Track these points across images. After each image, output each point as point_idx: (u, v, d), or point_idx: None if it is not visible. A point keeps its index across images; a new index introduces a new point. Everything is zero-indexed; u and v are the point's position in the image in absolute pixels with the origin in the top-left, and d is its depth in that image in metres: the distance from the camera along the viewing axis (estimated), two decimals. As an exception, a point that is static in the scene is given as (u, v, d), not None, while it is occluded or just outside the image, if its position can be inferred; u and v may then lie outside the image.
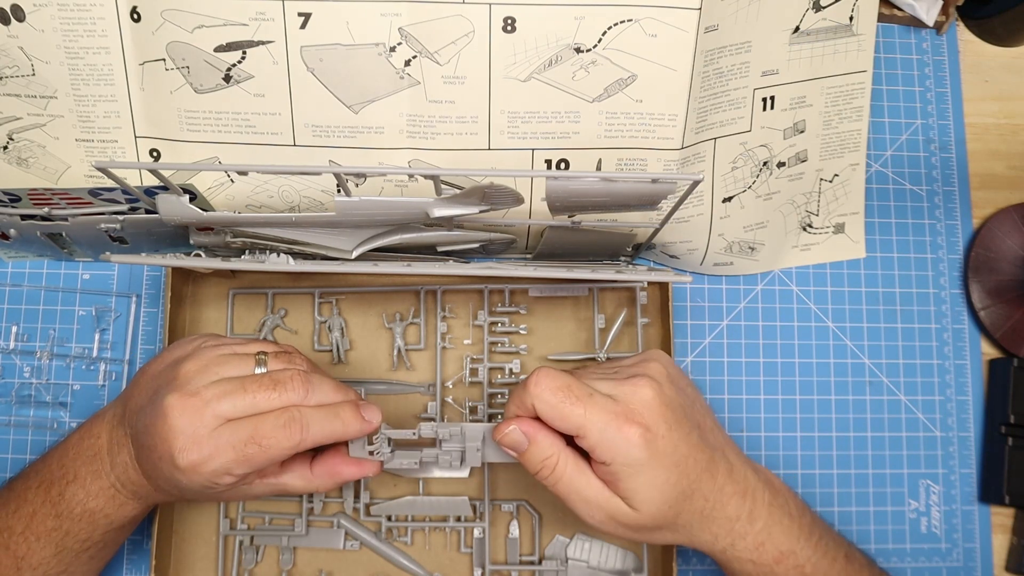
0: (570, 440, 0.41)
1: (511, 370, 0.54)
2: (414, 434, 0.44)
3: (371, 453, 0.44)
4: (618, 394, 0.40)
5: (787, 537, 0.43)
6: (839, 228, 0.58)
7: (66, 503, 0.43)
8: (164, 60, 0.45)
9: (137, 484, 0.43)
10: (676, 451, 0.40)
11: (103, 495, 0.43)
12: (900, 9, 0.60)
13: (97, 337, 0.54)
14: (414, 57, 0.44)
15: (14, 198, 0.46)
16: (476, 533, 0.52)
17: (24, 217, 0.48)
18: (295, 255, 0.45)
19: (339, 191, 0.42)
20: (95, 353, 0.54)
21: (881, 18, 0.58)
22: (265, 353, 0.43)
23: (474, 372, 0.54)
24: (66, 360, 0.54)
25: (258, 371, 0.42)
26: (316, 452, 0.44)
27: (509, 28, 0.44)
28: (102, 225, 0.48)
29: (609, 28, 0.44)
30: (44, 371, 0.54)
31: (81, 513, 0.43)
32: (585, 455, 0.41)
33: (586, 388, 0.40)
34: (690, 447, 0.41)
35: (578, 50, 0.44)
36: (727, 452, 0.43)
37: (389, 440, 0.44)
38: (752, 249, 0.55)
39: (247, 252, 0.48)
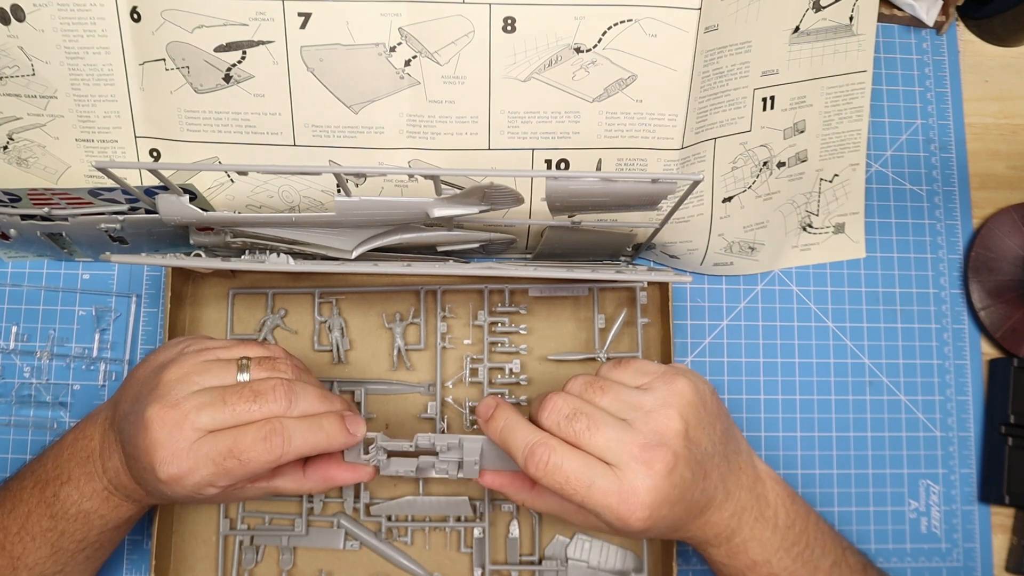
0: None
1: (511, 370, 0.54)
2: (411, 446, 0.44)
3: (367, 461, 0.44)
4: (627, 469, 0.38)
5: (763, 549, 0.43)
6: (839, 228, 0.58)
7: (61, 504, 0.43)
8: (164, 60, 0.45)
9: (129, 488, 0.43)
10: (673, 518, 0.40)
11: (97, 497, 0.43)
12: (900, 9, 0.60)
13: (97, 337, 0.54)
14: (414, 57, 0.44)
15: (14, 198, 0.46)
16: (476, 533, 0.52)
17: (24, 217, 0.48)
18: (295, 255, 0.45)
19: (339, 191, 0.42)
20: (95, 353, 0.54)
21: (881, 18, 0.58)
22: (248, 358, 0.42)
23: (474, 372, 0.54)
24: (66, 360, 0.54)
25: (241, 377, 0.41)
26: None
27: (509, 28, 0.44)
28: (102, 225, 0.48)
29: (609, 28, 0.44)
30: (44, 371, 0.54)
31: (76, 514, 0.43)
32: None
33: (586, 477, 0.38)
34: (688, 508, 0.40)
35: (578, 50, 0.44)
36: (727, 482, 0.42)
37: (384, 450, 0.44)
38: (752, 249, 0.55)
39: (247, 252, 0.48)
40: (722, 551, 0.43)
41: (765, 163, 0.53)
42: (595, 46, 0.44)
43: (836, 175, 0.57)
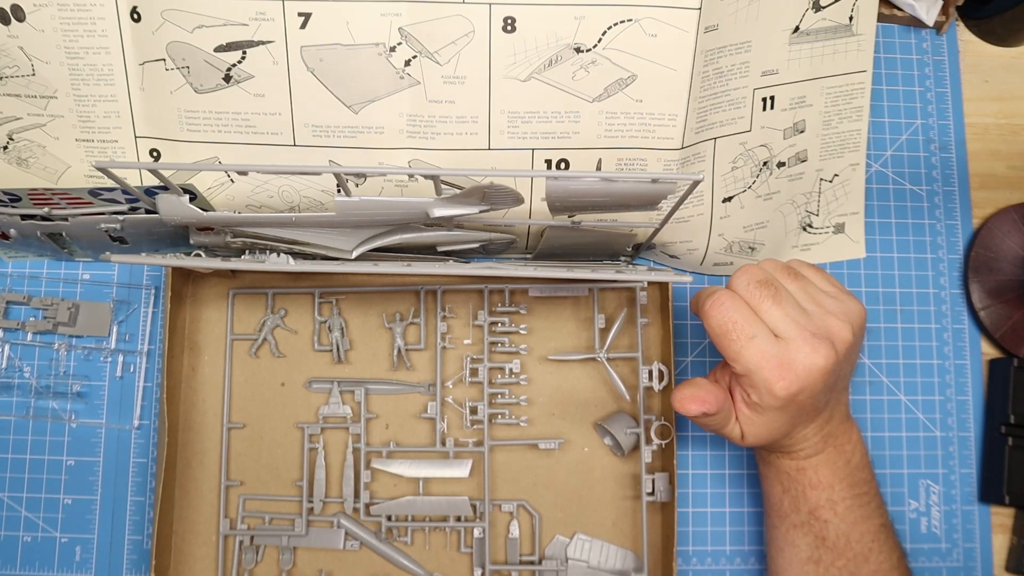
0: None
1: (511, 370, 0.54)
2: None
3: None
4: (792, 344, 0.41)
5: (831, 474, 0.45)
6: (839, 228, 0.58)
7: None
8: (164, 60, 0.45)
9: None
10: (798, 410, 0.42)
11: None
12: (900, 9, 0.60)
13: (116, 330, 0.55)
14: (414, 57, 0.44)
15: (14, 198, 0.46)
16: (476, 533, 0.52)
17: (24, 217, 0.48)
18: (295, 255, 0.45)
19: (339, 191, 0.42)
20: (112, 345, 0.55)
21: (881, 18, 0.58)
22: None
23: (474, 372, 0.54)
24: (83, 352, 0.54)
25: None
26: None
27: (509, 28, 0.44)
28: (102, 225, 0.48)
29: (609, 28, 0.44)
30: (61, 363, 0.54)
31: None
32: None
33: (751, 330, 0.41)
34: (810, 408, 0.43)
35: (578, 50, 0.44)
36: (833, 407, 0.45)
37: None
38: (752, 249, 0.55)
39: (247, 252, 0.48)
40: (794, 464, 0.46)
41: (765, 163, 0.53)
42: (595, 46, 0.44)
43: (836, 175, 0.57)
